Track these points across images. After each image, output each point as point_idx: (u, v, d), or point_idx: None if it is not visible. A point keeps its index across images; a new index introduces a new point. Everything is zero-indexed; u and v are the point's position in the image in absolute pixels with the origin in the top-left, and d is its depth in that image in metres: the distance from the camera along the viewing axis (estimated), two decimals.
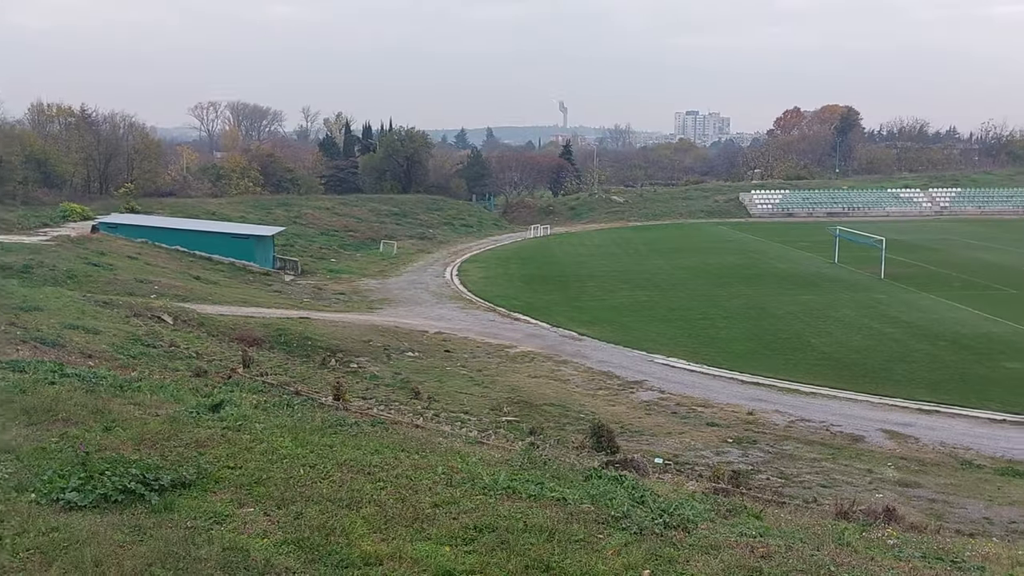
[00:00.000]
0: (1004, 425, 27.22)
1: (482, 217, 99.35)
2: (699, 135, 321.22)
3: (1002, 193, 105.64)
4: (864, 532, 9.62)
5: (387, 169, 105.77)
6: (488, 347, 37.92)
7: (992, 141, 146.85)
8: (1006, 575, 8.10)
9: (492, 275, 60.78)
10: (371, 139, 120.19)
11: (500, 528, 7.62)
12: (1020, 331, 38.90)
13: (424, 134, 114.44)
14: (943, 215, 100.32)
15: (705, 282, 54.88)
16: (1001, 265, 59.37)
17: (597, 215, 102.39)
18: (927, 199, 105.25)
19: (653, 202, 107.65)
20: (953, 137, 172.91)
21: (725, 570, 6.88)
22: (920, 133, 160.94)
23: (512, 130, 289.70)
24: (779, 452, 24.40)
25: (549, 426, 25.63)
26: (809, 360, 35.19)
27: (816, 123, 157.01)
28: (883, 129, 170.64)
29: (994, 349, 36.03)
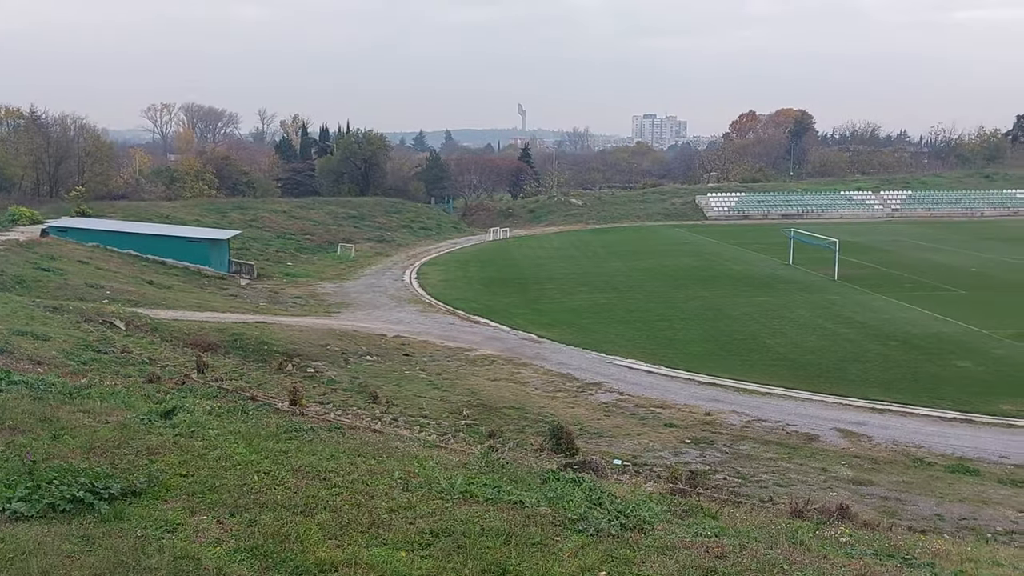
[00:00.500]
0: (954, 423, 27.76)
1: (441, 220, 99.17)
2: (656, 138, 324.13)
3: (951, 195, 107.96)
4: (818, 530, 9.73)
5: (344, 172, 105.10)
6: (447, 350, 37.82)
7: (942, 144, 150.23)
8: (955, 571, 8.24)
9: (451, 278, 60.66)
10: (328, 141, 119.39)
11: (457, 532, 7.58)
12: (969, 330, 39.75)
13: (382, 136, 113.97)
14: (894, 217, 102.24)
15: (662, 284, 55.31)
16: (950, 266, 60.65)
17: (556, 218, 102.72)
18: (879, 201, 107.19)
19: (611, 205, 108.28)
20: (904, 140, 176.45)
21: (680, 570, 6.92)
22: (872, 136, 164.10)
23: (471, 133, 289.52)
24: (736, 452, 24.63)
25: (508, 429, 25.62)
26: (765, 360, 35.60)
27: (771, 126, 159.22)
28: (836, 132, 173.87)
29: (944, 348, 36.76)
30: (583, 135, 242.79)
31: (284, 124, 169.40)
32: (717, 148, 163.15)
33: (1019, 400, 29.30)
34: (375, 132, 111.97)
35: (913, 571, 7.79)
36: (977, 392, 30.47)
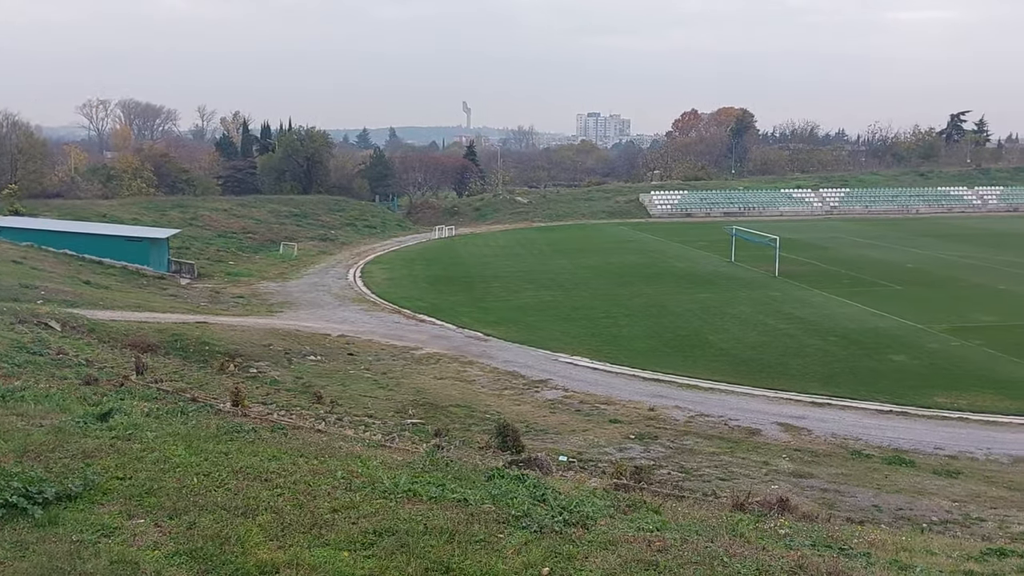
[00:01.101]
0: (891, 416, 28.45)
1: (386, 218, 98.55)
2: (601, 136, 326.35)
3: (887, 193, 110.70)
4: (758, 523, 9.90)
5: (287, 169, 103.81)
6: (393, 349, 37.61)
7: (878, 143, 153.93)
8: (890, 560, 8.44)
9: (396, 276, 60.34)
10: (270, 139, 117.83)
11: (400, 531, 7.54)
12: (905, 325, 40.79)
13: (325, 134, 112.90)
14: (833, 214, 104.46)
15: (607, 281, 55.72)
16: (886, 262, 62.17)
17: (502, 216, 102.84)
18: (818, 199, 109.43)
19: (556, 203, 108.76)
20: (842, 139, 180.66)
21: (622, 565, 6.97)
22: (811, 135, 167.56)
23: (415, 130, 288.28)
24: (679, 447, 24.91)
25: (455, 427, 25.57)
26: (708, 356, 36.09)
27: (713, 125, 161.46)
28: (776, 131, 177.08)
29: (881, 343, 37.65)
30: (528, 133, 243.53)
31: (225, 121, 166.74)
32: (660, 146, 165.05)
33: (953, 393, 30.16)
34: (318, 129, 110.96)
35: (849, 561, 7.96)
36: (913, 385, 31.29)
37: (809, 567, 7.17)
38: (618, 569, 6.89)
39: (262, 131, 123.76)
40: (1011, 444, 25.37)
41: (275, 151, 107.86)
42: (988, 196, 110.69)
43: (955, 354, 35.48)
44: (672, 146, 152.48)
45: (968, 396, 29.77)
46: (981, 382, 31.32)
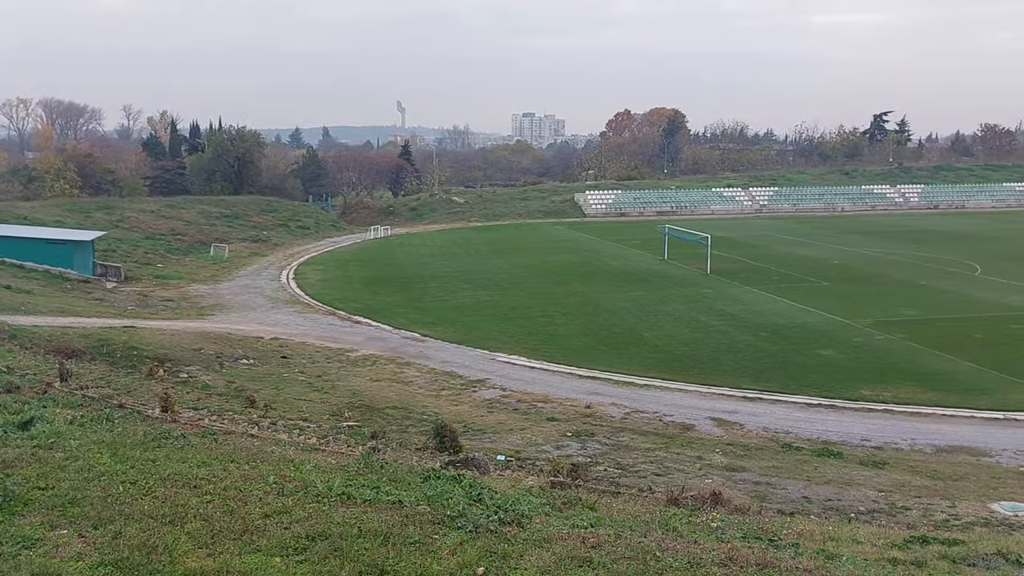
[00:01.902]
0: (820, 409, 29.12)
1: (319, 218, 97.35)
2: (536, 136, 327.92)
3: (814, 191, 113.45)
4: (692, 517, 10.03)
5: (217, 170, 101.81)
6: (328, 351, 37.18)
7: (805, 143, 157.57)
8: (818, 550, 8.64)
9: (331, 278, 59.66)
10: (199, 138, 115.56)
11: (334, 535, 7.45)
12: (832, 320, 41.82)
13: (256, 133, 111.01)
14: (762, 213, 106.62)
15: (544, 280, 55.96)
16: (814, 259, 63.68)
17: (438, 216, 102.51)
18: (748, 198, 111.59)
19: (493, 203, 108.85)
20: (771, 139, 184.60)
21: (557, 562, 7.00)
22: (741, 135, 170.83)
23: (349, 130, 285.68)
24: (616, 443, 25.13)
25: (392, 429, 25.39)
26: (643, 353, 36.48)
27: (645, 125, 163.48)
28: (707, 131, 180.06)
29: (810, 338, 38.54)
30: (463, 133, 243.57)
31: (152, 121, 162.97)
32: (594, 146, 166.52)
33: (878, 386, 31.01)
34: (249, 129, 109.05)
35: (778, 552, 8.12)
36: (840, 379, 32.08)
37: (739, 559, 7.30)
38: (553, 566, 6.93)
39: (191, 131, 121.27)
40: (934, 434, 26.20)
41: (205, 151, 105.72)
42: (909, 194, 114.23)
43: (879, 348, 36.50)
44: (606, 146, 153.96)
45: (892, 388, 30.65)
46: (904, 375, 32.28)
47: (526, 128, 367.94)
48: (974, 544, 10.11)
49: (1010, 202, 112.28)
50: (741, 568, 7.17)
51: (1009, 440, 25.58)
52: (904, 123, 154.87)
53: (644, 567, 6.97)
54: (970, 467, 23.31)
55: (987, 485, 21.75)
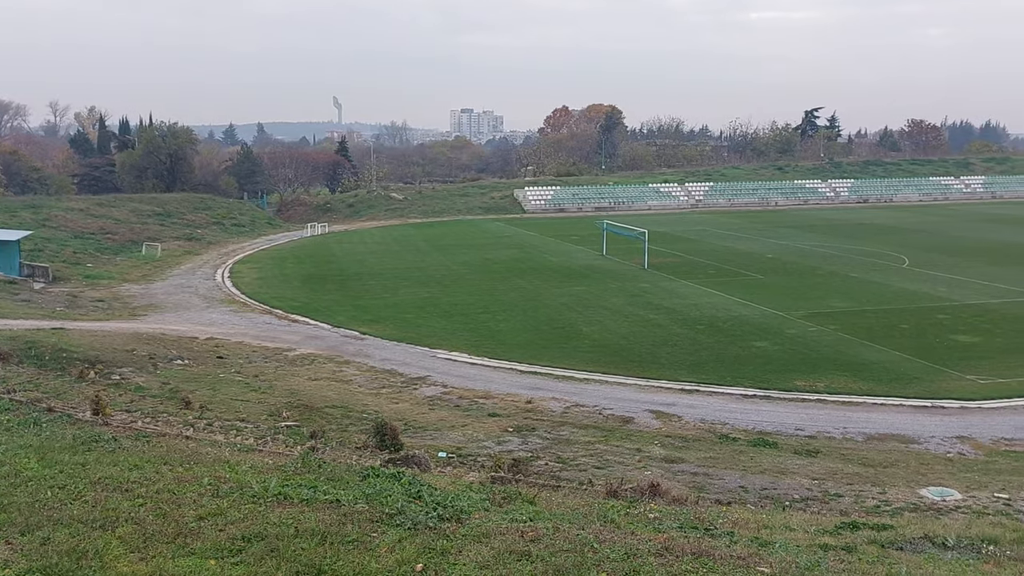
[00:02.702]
0: (755, 400, 29.68)
1: (255, 216, 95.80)
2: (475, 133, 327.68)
3: (748, 186, 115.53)
4: (630, 509, 10.14)
5: (148, 167, 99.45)
6: (265, 351, 36.65)
7: (739, 138, 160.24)
8: (752, 537, 8.81)
9: (267, 276, 58.79)
10: (130, 135, 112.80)
11: (270, 536, 7.35)
12: (767, 313, 42.65)
13: (189, 129, 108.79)
14: (698, 208, 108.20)
15: (484, 277, 55.96)
16: (749, 253, 64.86)
17: (377, 212, 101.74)
18: (684, 193, 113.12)
19: (432, 199, 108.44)
20: (706, 135, 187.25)
21: (496, 557, 7.01)
22: (677, 131, 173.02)
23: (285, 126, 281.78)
24: (556, 438, 25.27)
25: (331, 428, 25.14)
26: (582, 348, 36.73)
27: (583, 121, 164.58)
28: (644, 127, 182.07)
29: (745, 331, 39.24)
30: (402, 129, 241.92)
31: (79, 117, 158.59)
32: (533, 143, 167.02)
33: (811, 376, 31.72)
34: (181, 125, 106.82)
35: (714, 541, 8.26)
36: (774, 370, 32.74)
37: (675, 548, 7.41)
38: (491, 561, 6.94)
39: (121, 127, 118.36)
40: (864, 423, 26.91)
41: (135, 148, 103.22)
42: (840, 188, 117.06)
43: (812, 339, 37.34)
44: (545, 142, 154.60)
45: (825, 379, 31.39)
46: (836, 365, 33.09)
47: (465, 124, 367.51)
48: (902, 529, 10.42)
49: (936, 196, 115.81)
50: (677, 558, 7.27)
51: (936, 427, 26.41)
52: (835, 119, 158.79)
53: (582, 559, 7.02)
54: (900, 454, 23.99)
55: (916, 471, 22.41)
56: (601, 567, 6.88)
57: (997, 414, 27.65)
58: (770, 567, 7.24)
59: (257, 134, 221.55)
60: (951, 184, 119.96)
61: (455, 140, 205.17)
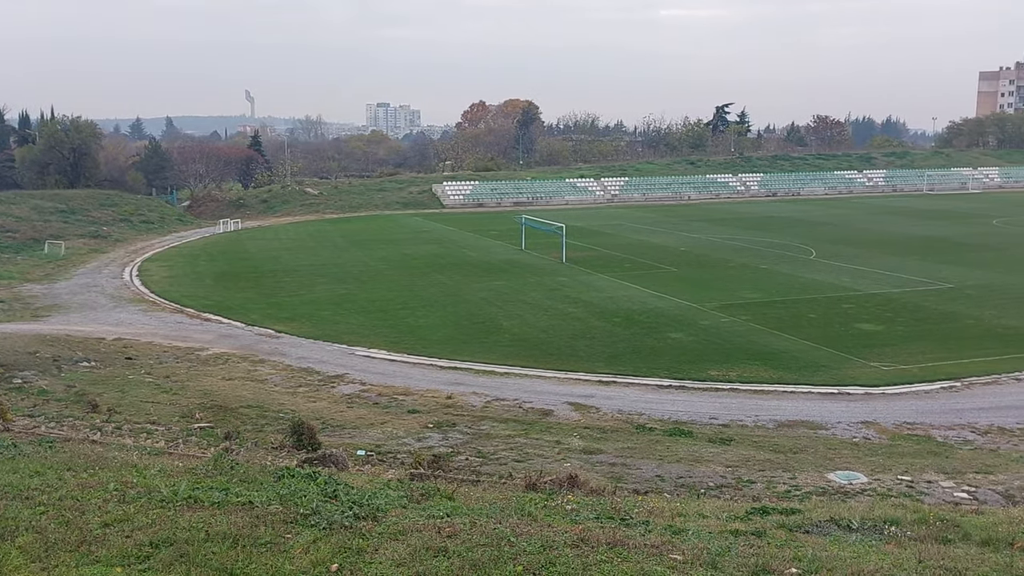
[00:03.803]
0: (671, 390, 30.23)
1: (164, 212, 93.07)
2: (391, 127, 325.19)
3: (662, 181, 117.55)
4: (547, 501, 10.21)
5: (50, 162, 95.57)
6: (176, 351, 35.69)
7: (653, 134, 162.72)
8: (667, 526, 8.98)
9: (178, 274, 57.22)
10: (29, 129, 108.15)
11: (179, 541, 7.15)
12: (681, 305, 43.49)
13: (93, 123, 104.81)
14: (614, 202, 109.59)
15: (403, 272, 55.61)
16: (663, 246, 66.01)
17: (292, 208, 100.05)
18: (600, 188, 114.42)
19: (349, 194, 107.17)
20: (620, 130, 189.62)
21: (412, 554, 6.98)
22: (592, 127, 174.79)
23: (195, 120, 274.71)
24: (477, 432, 25.31)
25: (247, 429, 24.70)
26: (503, 342, 36.85)
27: (500, 117, 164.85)
28: (560, 123, 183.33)
29: (660, 322, 39.94)
30: (316, 123, 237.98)
31: None
32: (451, 137, 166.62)
33: (724, 366, 32.48)
34: (85, 119, 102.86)
35: (629, 530, 8.39)
36: (689, 360, 33.43)
37: (591, 539, 7.49)
38: (408, 558, 6.90)
39: (20, 121, 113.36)
40: (775, 410, 27.69)
41: (36, 143, 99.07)
42: (750, 182, 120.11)
43: (725, 330, 38.24)
44: (462, 137, 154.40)
45: (737, 368, 32.19)
46: (748, 355, 33.96)
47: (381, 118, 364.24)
48: (809, 512, 10.77)
49: (840, 189, 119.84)
50: (592, 548, 7.36)
51: (843, 413, 27.35)
52: (744, 115, 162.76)
53: (498, 553, 7.04)
54: (809, 440, 24.75)
55: (824, 456, 23.17)
56: (518, 560, 6.92)
57: (899, 399, 28.80)
58: (682, 554, 7.39)
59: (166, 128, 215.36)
60: (854, 178, 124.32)
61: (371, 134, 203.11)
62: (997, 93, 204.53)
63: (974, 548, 8.71)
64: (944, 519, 10.08)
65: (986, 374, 31.11)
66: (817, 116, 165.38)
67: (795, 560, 7.57)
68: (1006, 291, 45.89)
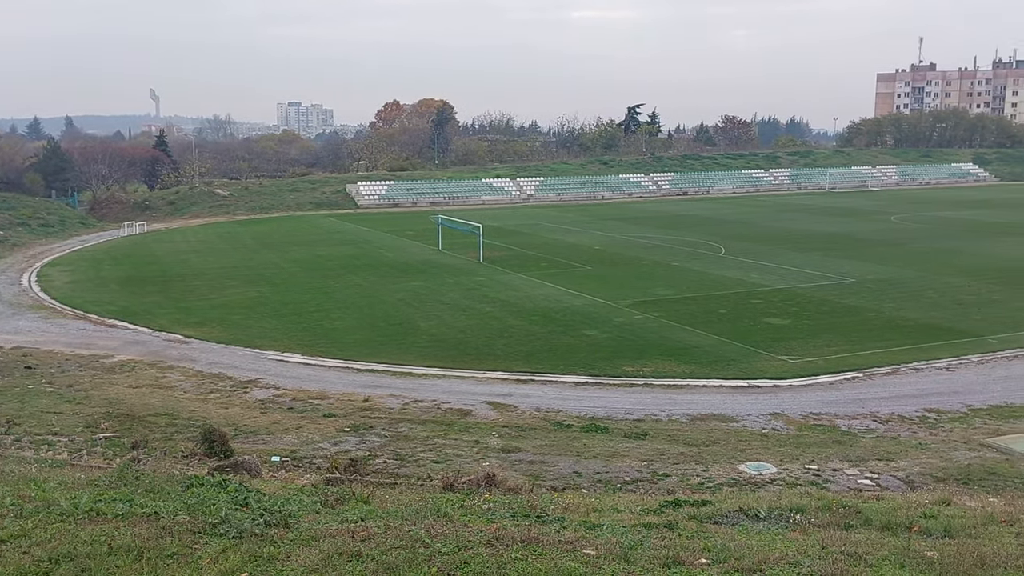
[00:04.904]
0: (587, 387, 30.59)
1: (65, 215, 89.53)
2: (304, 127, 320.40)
3: (576, 181, 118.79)
4: (464, 501, 10.21)
5: None
6: (80, 359, 34.43)
7: (567, 134, 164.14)
8: (581, 521, 9.07)
9: (80, 279, 55.17)
10: None
11: (80, 555, 6.89)
12: (596, 302, 44.02)
13: None
14: (530, 202, 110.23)
15: (317, 274, 54.82)
16: (578, 245, 66.72)
17: (200, 209, 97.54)
18: (516, 188, 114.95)
19: (260, 195, 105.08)
20: (535, 130, 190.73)
21: (325, 560, 6.89)
22: (507, 127, 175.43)
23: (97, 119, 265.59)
24: (395, 435, 25.16)
25: (155, 438, 24.03)
26: (420, 343, 36.68)
27: (415, 116, 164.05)
28: (476, 123, 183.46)
29: (576, 320, 40.35)
30: (225, 122, 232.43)
31: None
32: (365, 137, 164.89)
33: (638, 362, 33.03)
34: None
35: (544, 527, 8.45)
36: (604, 357, 33.87)
37: (506, 537, 7.52)
38: (320, 564, 6.80)
39: None
40: (688, 404, 28.29)
41: None
42: (661, 181, 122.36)
43: (639, 326, 38.88)
44: (377, 136, 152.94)
45: (651, 364, 32.77)
46: (661, 350, 34.61)
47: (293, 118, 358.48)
48: (720, 504, 11.04)
49: (748, 187, 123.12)
50: (507, 547, 7.39)
51: (752, 405, 28.13)
52: (655, 115, 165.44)
53: (413, 555, 7.00)
54: (721, 432, 25.38)
55: (736, 448, 23.80)
56: (432, 561, 6.90)
57: (806, 391, 29.77)
58: (596, 549, 7.48)
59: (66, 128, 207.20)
60: (761, 176, 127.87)
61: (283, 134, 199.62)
62: (894, 94, 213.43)
63: (874, 533, 9.07)
64: (847, 505, 10.46)
65: (886, 364, 32.42)
66: (725, 117, 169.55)
67: (705, 551, 7.74)
68: (904, 285, 47.88)
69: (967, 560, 7.65)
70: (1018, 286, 47.06)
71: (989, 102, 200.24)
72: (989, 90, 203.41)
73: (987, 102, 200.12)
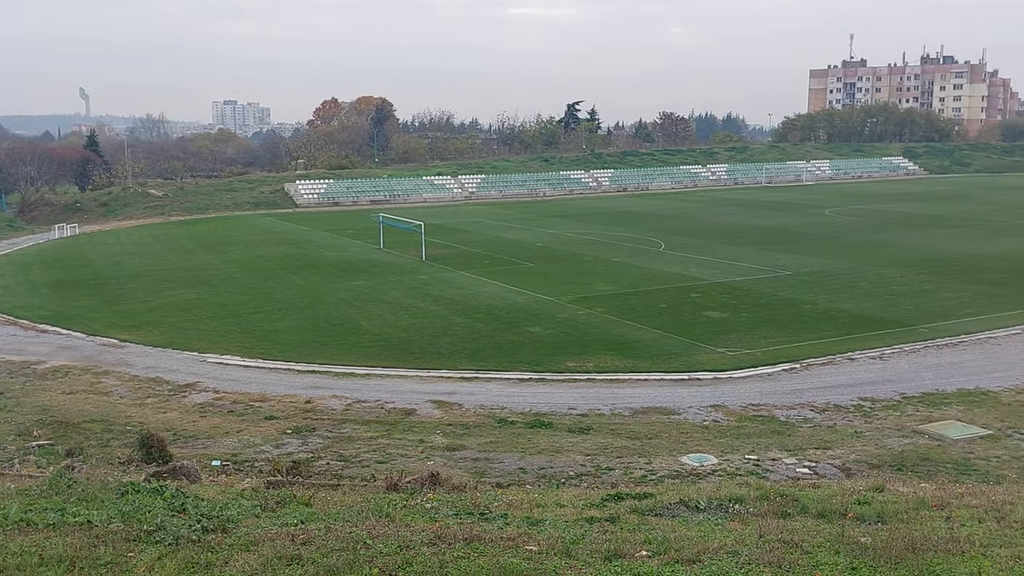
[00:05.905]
0: (531, 383, 30.65)
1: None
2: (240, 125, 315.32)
3: (517, 178, 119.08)
4: (408, 501, 10.16)
5: None
6: (10, 365, 33.43)
7: (507, 131, 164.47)
8: (524, 517, 9.11)
9: (10, 284, 53.54)
10: None
11: (10, 567, 6.70)
12: (539, 299, 44.17)
13: None
14: (471, 200, 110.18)
15: (257, 275, 54.01)
16: (520, 242, 66.88)
17: (134, 210, 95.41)
18: (457, 185, 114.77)
19: (196, 195, 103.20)
20: (476, 128, 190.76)
21: (264, 564, 6.80)
22: (447, 124, 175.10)
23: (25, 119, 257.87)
24: (338, 436, 24.94)
25: (91, 444, 23.47)
26: (363, 343, 36.39)
27: (354, 114, 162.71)
28: (415, 120, 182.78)
29: (519, 317, 40.44)
30: (159, 122, 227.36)
31: None
32: (303, 135, 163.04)
33: (581, 357, 33.22)
34: None
35: (487, 524, 8.46)
36: (547, 353, 34.00)
37: (448, 536, 7.52)
38: (259, 569, 6.72)
39: None
40: (631, 398, 28.55)
41: None
42: (601, 178, 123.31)
43: (581, 322, 39.12)
44: (315, 135, 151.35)
45: (594, 359, 33.00)
46: (604, 345, 34.87)
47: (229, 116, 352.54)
48: (661, 496, 11.17)
49: (686, 183, 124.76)
50: (449, 545, 7.39)
51: (693, 398, 28.50)
52: (595, 112, 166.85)
53: (354, 557, 6.96)
54: (663, 425, 25.67)
55: (678, 440, 24.11)
56: (373, 562, 6.86)
57: (745, 382, 30.28)
58: (538, 545, 7.52)
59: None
60: (699, 172, 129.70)
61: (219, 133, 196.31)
62: (826, 90, 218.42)
63: (811, 520, 9.27)
64: (784, 494, 10.67)
65: (822, 355, 33.13)
66: (663, 113, 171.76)
67: (645, 543, 7.84)
68: (838, 276, 49.01)
69: (899, 544, 7.87)
70: (947, 276, 48.54)
71: (918, 97, 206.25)
72: (918, 85, 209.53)
73: (916, 97, 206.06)
